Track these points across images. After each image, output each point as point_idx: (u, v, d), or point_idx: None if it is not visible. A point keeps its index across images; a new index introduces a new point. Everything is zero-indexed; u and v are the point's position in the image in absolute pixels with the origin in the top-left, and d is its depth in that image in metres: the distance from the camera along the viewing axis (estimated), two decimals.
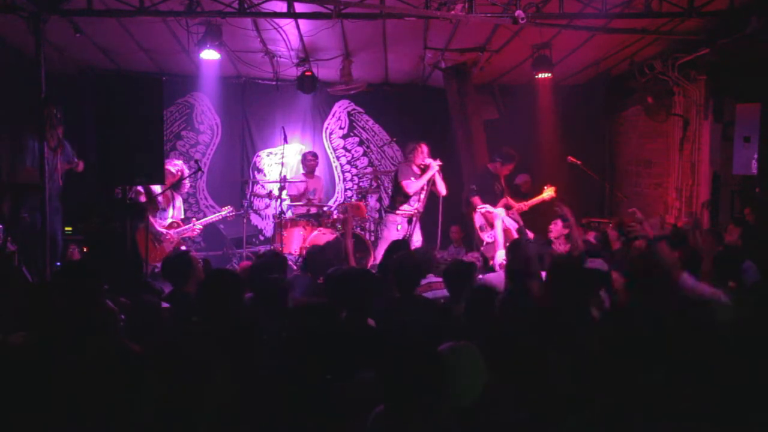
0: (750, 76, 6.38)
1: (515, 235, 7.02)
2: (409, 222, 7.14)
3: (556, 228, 6.62)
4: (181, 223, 6.92)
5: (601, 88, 8.96)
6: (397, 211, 7.16)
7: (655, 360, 2.78)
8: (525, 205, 7.39)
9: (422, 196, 7.15)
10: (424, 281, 4.44)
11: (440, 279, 4.64)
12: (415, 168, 7.13)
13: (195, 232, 7.16)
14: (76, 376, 2.67)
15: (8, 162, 6.69)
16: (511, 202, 7.46)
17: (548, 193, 7.36)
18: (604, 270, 4.42)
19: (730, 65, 6.64)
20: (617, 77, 8.68)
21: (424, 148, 7.14)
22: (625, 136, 9.13)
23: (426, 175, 7.04)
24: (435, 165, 7.03)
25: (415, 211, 7.15)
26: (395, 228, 7.15)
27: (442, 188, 7.13)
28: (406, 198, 7.14)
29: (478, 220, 7.33)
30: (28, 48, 6.03)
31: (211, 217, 7.46)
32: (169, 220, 6.93)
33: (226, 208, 7.55)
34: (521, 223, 7.21)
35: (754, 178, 6.32)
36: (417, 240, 7.14)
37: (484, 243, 7.19)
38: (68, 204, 6.72)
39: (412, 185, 7.05)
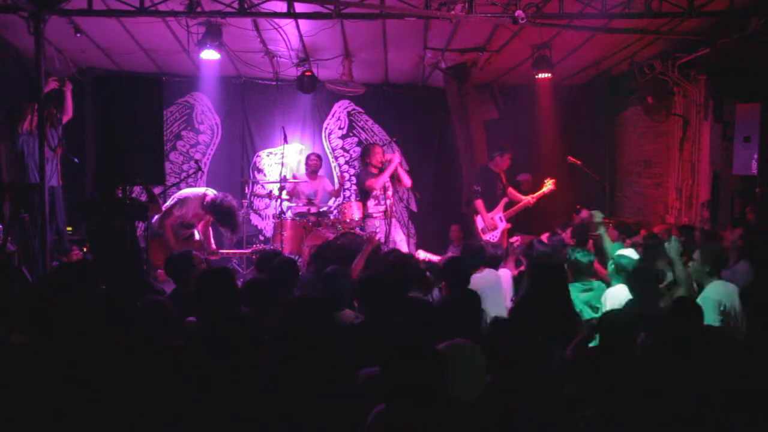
0: (750, 76, 6.38)
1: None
2: (385, 216, 7.21)
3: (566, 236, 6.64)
4: (203, 248, 6.78)
5: (601, 88, 8.96)
6: (373, 215, 7.26)
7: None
8: (532, 198, 7.41)
9: (389, 192, 7.24)
10: None
11: None
12: (373, 169, 7.28)
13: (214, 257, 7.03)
14: (76, 375, 2.67)
15: (8, 162, 6.68)
16: (516, 196, 7.49)
17: (548, 186, 7.39)
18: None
19: (730, 65, 6.64)
20: (617, 77, 8.67)
21: (378, 149, 7.36)
22: (625, 136, 9.13)
23: (388, 169, 7.20)
24: (396, 157, 7.23)
25: (386, 208, 7.23)
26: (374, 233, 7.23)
27: (406, 180, 7.37)
28: (370, 197, 7.26)
29: (480, 223, 7.36)
30: (28, 48, 6.03)
31: (235, 251, 7.46)
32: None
33: (255, 248, 7.55)
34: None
35: (754, 178, 6.32)
36: (400, 240, 7.18)
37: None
38: (68, 204, 6.72)
39: (378, 181, 7.21)
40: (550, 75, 7.34)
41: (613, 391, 2.59)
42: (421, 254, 6.83)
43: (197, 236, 6.80)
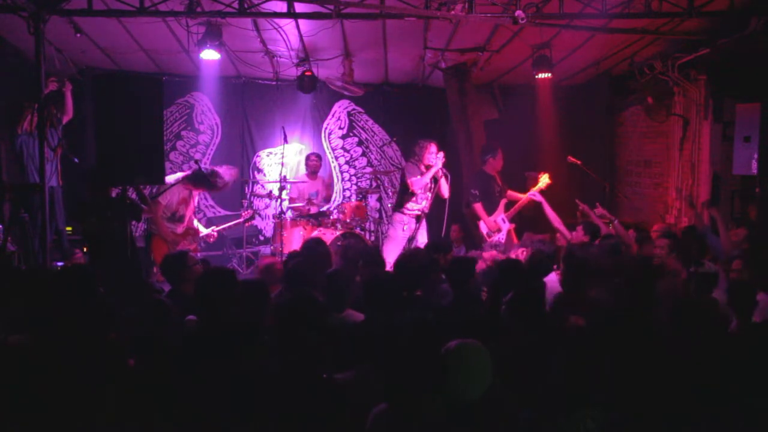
0: (750, 76, 6.37)
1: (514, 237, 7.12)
2: (417, 221, 7.14)
3: (578, 236, 6.62)
4: (198, 230, 6.82)
5: (601, 88, 8.95)
6: (405, 210, 7.15)
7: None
8: (532, 193, 7.39)
9: (430, 195, 7.15)
10: None
11: None
12: (422, 167, 7.12)
13: (212, 239, 7.06)
14: (74, 375, 2.67)
15: (8, 162, 6.69)
16: (515, 195, 7.46)
17: (543, 180, 7.33)
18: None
19: (730, 65, 6.63)
20: (617, 77, 8.67)
21: (432, 147, 7.09)
22: (625, 136, 9.13)
23: (430, 171, 7.00)
24: (439, 161, 7.00)
25: (421, 211, 7.15)
26: (401, 227, 7.14)
27: (445, 190, 7.11)
28: (411, 196, 7.13)
29: (484, 228, 7.36)
30: (28, 48, 6.03)
31: (230, 224, 7.41)
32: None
33: (245, 213, 7.46)
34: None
35: (754, 178, 6.32)
36: (422, 241, 7.13)
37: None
38: (68, 204, 6.72)
39: (417, 182, 7.04)
40: (550, 75, 7.33)
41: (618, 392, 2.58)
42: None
43: (189, 223, 6.82)
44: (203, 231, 6.83)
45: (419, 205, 7.14)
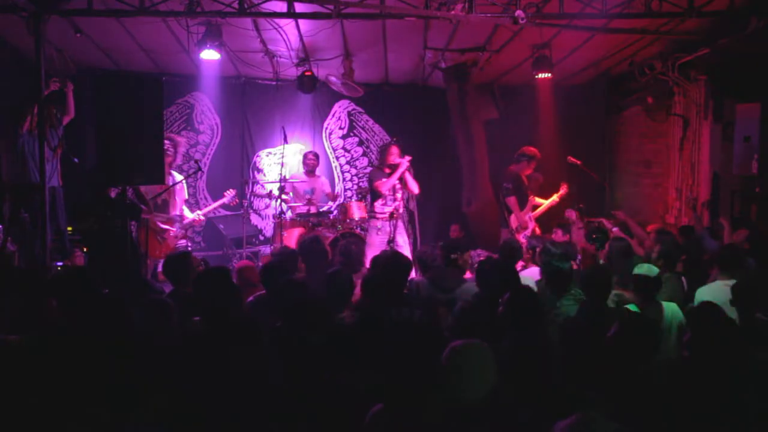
0: (750, 76, 6.38)
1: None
2: (390, 218, 7.12)
3: (557, 236, 6.67)
4: (185, 216, 6.88)
5: (601, 88, 8.96)
6: (377, 215, 7.19)
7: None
8: (558, 197, 7.56)
9: (398, 195, 7.17)
10: None
11: None
12: (386, 170, 7.19)
13: (198, 223, 7.11)
14: (73, 376, 2.67)
15: (8, 162, 6.68)
16: (537, 201, 7.57)
17: (563, 189, 7.51)
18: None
19: (730, 65, 6.64)
20: (617, 77, 8.68)
21: (394, 149, 7.20)
22: (625, 136, 9.13)
23: (397, 172, 7.07)
24: (405, 162, 7.07)
25: (393, 210, 7.16)
26: (375, 232, 7.16)
27: (413, 187, 7.20)
28: (380, 198, 7.18)
29: (514, 222, 7.43)
30: (28, 48, 6.03)
31: (214, 205, 7.42)
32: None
33: (228, 192, 7.45)
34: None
35: (754, 178, 6.33)
36: (402, 242, 7.13)
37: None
38: (69, 204, 6.72)
39: (384, 184, 7.10)
40: (550, 75, 7.34)
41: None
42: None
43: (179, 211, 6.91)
44: (189, 216, 6.86)
45: (389, 207, 7.19)
